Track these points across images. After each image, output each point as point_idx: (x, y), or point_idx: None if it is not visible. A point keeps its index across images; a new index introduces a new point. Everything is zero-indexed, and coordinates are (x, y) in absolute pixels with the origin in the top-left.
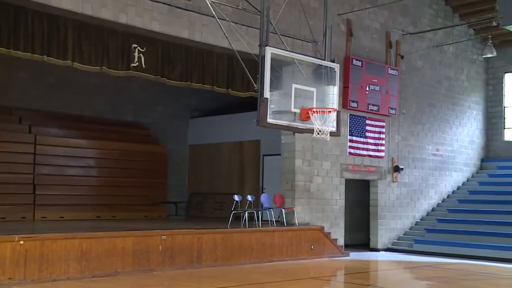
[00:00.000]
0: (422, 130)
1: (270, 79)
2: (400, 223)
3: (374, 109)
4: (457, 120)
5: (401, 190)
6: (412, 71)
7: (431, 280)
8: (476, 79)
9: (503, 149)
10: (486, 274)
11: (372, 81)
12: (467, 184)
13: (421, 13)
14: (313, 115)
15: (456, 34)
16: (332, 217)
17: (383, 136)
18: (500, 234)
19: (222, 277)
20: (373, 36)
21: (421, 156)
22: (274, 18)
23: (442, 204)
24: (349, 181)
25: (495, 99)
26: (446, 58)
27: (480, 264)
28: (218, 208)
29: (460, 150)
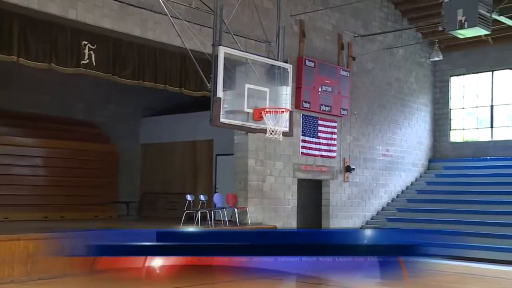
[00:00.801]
0: (372, 131)
1: (223, 79)
2: (352, 223)
3: (326, 110)
4: (406, 121)
5: (352, 190)
6: (363, 72)
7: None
8: (424, 81)
9: (449, 150)
10: (434, 271)
11: (325, 82)
12: (415, 183)
13: (372, 16)
14: (266, 115)
15: (405, 38)
16: (284, 216)
17: (335, 137)
18: (447, 232)
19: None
20: (325, 38)
21: (372, 156)
22: (228, 17)
23: (391, 204)
24: (302, 181)
25: (441, 101)
26: (396, 60)
27: (428, 262)
28: (171, 208)
29: (409, 150)
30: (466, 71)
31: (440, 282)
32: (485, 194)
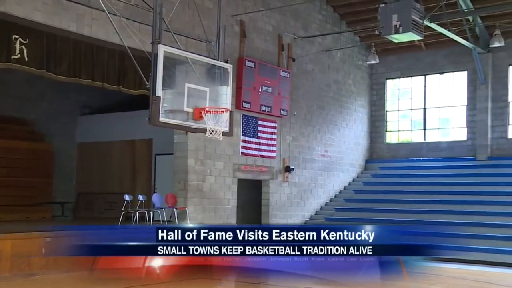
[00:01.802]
0: (312, 132)
1: (162, 78)
2: (291, 222)
3: (266, 110)
4: (344, 122)
5: (291, 189)
6: (303, 74)
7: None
8: (362, 83)
9: (385, 151)
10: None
11: (265, 82)
12: (352, 183)
13: (311, 18)
14: (206, 114)
15: (343, 40)
16: (224, 216)
17: (274, 137)
18: None
19: (115, 278)
20: (265, 39)
21: (311, 156)
22: (168, 16)
23: (330, 203)
24: (242, 181)
25: (378, 103)
26: (335, 62)
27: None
28: (108, 208)
29: (347, 151)
30: (401, 75)
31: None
32: (418, 194)
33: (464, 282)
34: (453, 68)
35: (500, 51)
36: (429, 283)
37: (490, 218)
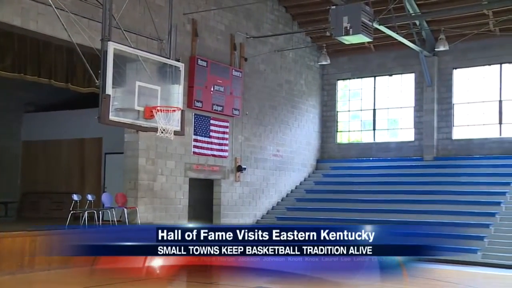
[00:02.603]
0: (264, 131)
1: (112, 76)
2: (242, 222)
3: (218, 110)
4: (296, 122)
5: (243, 189)
6: (255, 73)
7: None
8: (313, 84)
9: (336, 151)
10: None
11: (217, 81)
12: (304, 183)
13: (264, 18)
14: (157, 113)
15: (295, 41)
16: (175, 216)
17: (226, 136)
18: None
19: (59, 281)
20: (218, 38)
21: (263, 156)
22: (118, 12)
23: (281, 203)
24: (193, 180)
25: (329, 104)
26: (287, 63)
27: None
28: (56, 208)
29: (298, 151)
30: (351, 76)
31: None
32: (368, 193)
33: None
34: (401, 70)
35: (445, 55)
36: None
37: (436, 217)
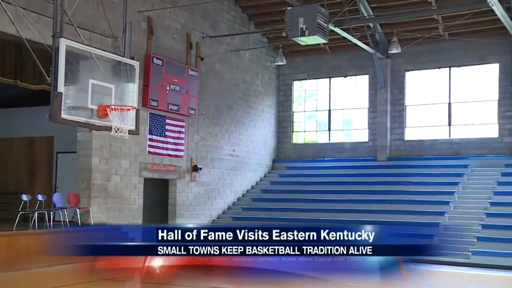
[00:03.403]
0: (220, 131)
1: (65, 73)
2: (198, 222)
3: (174, 109)
4: (252, 122)
5: (199, 189)
6: (211, 73)
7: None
8: (269, 84)
9: (292, 151)
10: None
11: (173, 81)
12: (260, 183)
13: (220, 18)
14: (112, 112)
15: (252, 41)
16: (130, 216)
17: (182, 136)
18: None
19: (5, 284)
20: (174, 37)
21: (219, 156)
22: (70, 8)
23: (237, 203)
24: (148, 180)
25: (285, 104)
26: (243, 62)
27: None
28: (4, 209)
29: (255, 151)
30: (307, 76)
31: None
32: (323, 193)
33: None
34: (356, 71)
35: (397, 57)
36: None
37: (388, 216)
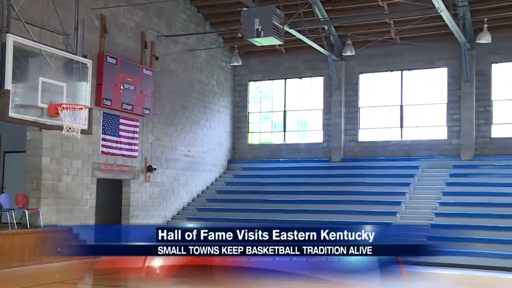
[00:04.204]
0: (175, 131)
1: (12, 70)
2: (152, 223)
3: (128, 108)
4: (208, 122)
5: (153, 189)
6: (166, 72)
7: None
8: (225, 85)
9: (247, 152)
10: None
11: (127, 80)
12: (215, 183)
13: (175, 17)
14: (63, 111)
15: (207, 41)
16: (82, 217)
17: (136, 136)
18: None
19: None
20: (128, 35)
21: (174, 156)
22: (18, 3)
23: (192, 203)
24: (101, 181)
25: (241, 105)
26: (199, 62)
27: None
28: None
29: (210, 151)
30: (263, 77)
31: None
32: (279, 194)
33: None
34: (311, 73)
35: (352, 60)
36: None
37: (343, 217)
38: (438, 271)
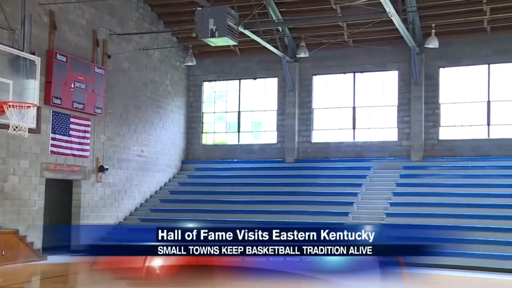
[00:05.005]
0: (127, 131)
1: None
2: (103, 223)
3: (79, 107)
4: (161, 122)
5: (105, 190)
6: (119, 71)
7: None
8: (179, 84)
9: (201, 152)
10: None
11: (78, 78)
12: (168, 184)
13: (128, 15)
14: (9, 109)
15: (161, 40)
16: (29, 219)
17: (88, 135)
18: None
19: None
20: (79, 32)
21: (126, 156)
22: None
23: (145, 204)
24: (51, 181)
25: (195, 105)
26: (152, 62)
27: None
28: None
29: (163, 151)
30: (217, 78)
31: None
32: (233, 194)
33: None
34: (265, 74)
35: (305, 62)
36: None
37: (296, 217)
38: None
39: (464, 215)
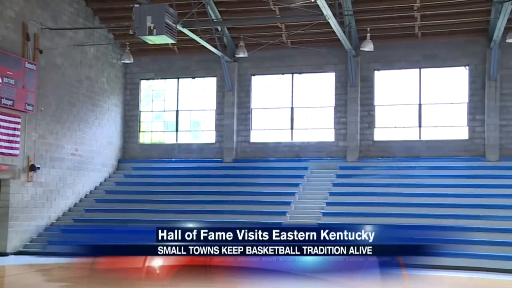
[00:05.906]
0: (61, 129)
1: None
2: (34, 224)
3: (8, 104)
4: (97, 121)
5: (36, 190)
6: (52, 67)
7: (65, 281)
8: (116, 82)
9: (138, 151)
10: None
11: (7, 73)
12: (104, 184)
13: (61, 9)
14: None
15: (97, 36)
16: None
17: (18, 133)
18: (142, 232)
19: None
20: (7, 25)
21: (60, 155)
22: None
23: (79, 204)
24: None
25: (132, 103)
26: (87, 58)
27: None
28: None
29: (99, 150)
30: (155, 76)
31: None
32: (171, 194)
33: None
34: (204, 73)
35: (244, 62)
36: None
37: (234, 217)
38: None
39: (396, 214)
